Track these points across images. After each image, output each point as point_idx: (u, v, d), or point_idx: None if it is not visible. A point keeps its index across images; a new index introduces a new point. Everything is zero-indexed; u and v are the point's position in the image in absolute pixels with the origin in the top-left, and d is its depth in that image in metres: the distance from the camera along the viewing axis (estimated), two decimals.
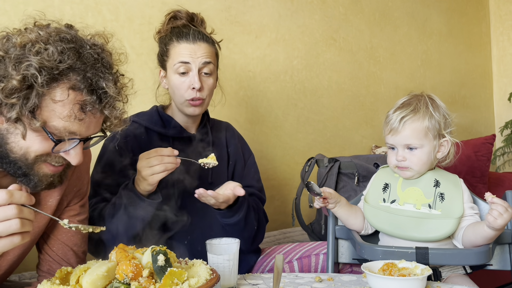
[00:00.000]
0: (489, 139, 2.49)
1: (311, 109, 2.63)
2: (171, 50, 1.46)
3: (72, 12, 1.81)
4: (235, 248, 1.12)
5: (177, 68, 1.44)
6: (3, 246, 0.80)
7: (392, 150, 1.38)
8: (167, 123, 1.52)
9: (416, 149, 1.34)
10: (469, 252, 1.21)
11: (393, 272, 1.05)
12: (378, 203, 1.39)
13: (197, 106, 1.46)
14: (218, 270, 1.09)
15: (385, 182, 1.42)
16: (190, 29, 1.46)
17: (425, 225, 1.31)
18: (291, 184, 2.52)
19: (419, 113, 1.34)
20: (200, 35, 1.46)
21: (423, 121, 1.33)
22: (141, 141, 1.46)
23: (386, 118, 1.39)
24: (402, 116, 1.33)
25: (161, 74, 1.54)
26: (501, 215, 1.14)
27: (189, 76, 1.44)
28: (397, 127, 1.33)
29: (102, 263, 0.91)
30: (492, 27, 3.89)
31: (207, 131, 1.58)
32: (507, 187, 2.47)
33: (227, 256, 1.10)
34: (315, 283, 1.12)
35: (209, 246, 1.14)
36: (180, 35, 1.45)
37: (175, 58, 1.44)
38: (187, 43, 1.44)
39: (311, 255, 1.56)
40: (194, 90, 1.43)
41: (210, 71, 1.46)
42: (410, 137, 1.33)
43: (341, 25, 2.79)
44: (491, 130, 3.82)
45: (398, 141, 1.35)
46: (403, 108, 1.36)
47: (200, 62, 1.43)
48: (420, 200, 1.34)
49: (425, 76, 3.33)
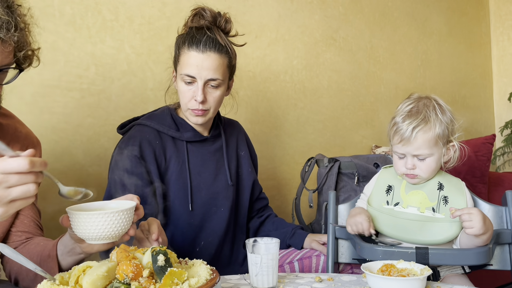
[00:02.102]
0: (489, 139, 2.49)
1: (311, 109, 2.63)
2: (181, 56, 1.43)
3: (72, 12, 1.81)
4: (275, 248, 1.11)
5: (183, 77, 1.42)
6: (19, 206, 0.84)
7: (400, 158, 1.37)
8: (181, 126, 1.50)
9: (425, 159, 1.33)
10: (469, 252, 1.21)
11: (392, 272, 1.05)
12: (382, 206, 1.38)
13: (199, 116, 1.45)
14: (262, 269, 1.08)
15: (389, 184, 1.42)
16: (204, 35, 1.41)
17: (429, 229, 1.31)
18: (291, 184, 2.52)
19: (430, 122, 1.32)
20: (212, 43, 1.40)
21: (434, 130, 1.31)
22: (155, 146, 1.45)
23: (394, 126, 1.36)
24: (413, 127, 1.31)
25: (174, 74, 1.51)
26: (471, 221, 1.17)
27: (194, 86, 1.42)
28: (409, 137, 1.31)
29: (102, 263, 0.91)
30: (492, 27, 3.89)
31: (220, 132, 1.58)
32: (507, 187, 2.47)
33: (271, 256, 1.09)
34: (315, 283, 1.12)
35: (250, 246, 1.12)
36: (192, 41, 1.41)
37: (183, 67, 1.42)
38: (197, 52, 1.39)
39: (311, 256, 1.57)
40: (196, 102, 1.42)
41: (217, 84, 1.43)
42: (421, 148, 1.32)
43: (341, 25, 2.79)
44: (491, 130, 3.82)
45: (409, 151, 1.33)
46: (413, 117, 1.33)
47: (206, 78, 1.40)
48: (424, 204, 1.34)
49: (425, 76, 3.33)
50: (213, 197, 1.50)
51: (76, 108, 1.83)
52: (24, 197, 0.83)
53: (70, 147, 1.81)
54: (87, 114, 1.86)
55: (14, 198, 0.82)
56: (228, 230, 1.53)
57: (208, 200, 1.49)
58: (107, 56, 1.91)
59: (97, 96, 1.88)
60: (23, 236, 1.19)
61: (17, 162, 0.81)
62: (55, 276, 0.91)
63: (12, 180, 0.81)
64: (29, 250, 1.15)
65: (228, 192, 1.53)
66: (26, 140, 1.22)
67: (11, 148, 0.83)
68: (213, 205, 1.49)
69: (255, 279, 1.08)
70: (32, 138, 1.25)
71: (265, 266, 1.08)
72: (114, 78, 1.93)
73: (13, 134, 1.19)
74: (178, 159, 1.47)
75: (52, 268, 1.08)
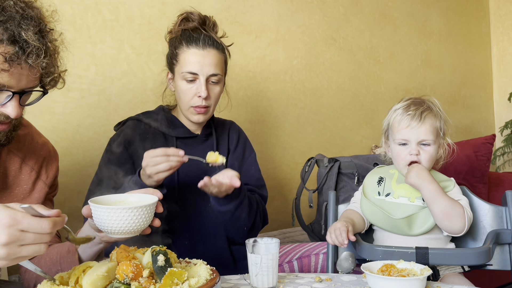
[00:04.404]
0: (489, 139, 2.49)
1: (311, 109, 2.63)
2: (180, 55, 1.45)
3: (72, 12, 1.81)
4: (275, 248, 1.11)
5: (185, 75, 1.44)
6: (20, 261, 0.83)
7: (403, 146, 1.38)
8: (172, 123, 1.53)
9: (429, 145, 1.36)
10: (469, 252, 1.21)
11: (392, 272, 1.05)
12: (373, 196, 1.41)
13: (201, 113, 1.47)
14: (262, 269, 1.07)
15: (380, 176, 1.44)
16: (201, 34, 1.45)
17: (415, 222, 1.34)
18: (291, 184, 2.52)
19: (433, 112, 1.38)
20: (210, 40, 1.45)
21: (436, 119, 1.37)
22: (145, 140, 1.47)
23: (399, 113, 1.39)
24: (422, 111, 1.36)
25: (169, 76, 1.54)
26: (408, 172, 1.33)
27: (196, 84, 1.44)
28: (418, 120, 1.35)
29: (102, 263, 0.91)
30: (492, 27, 3.89)
31: (211, 131, 1.59)
32: (507, 187, 2.47)
33: (270, 256, 1.08)
34: (315, 283, 1.12)
35: (249, 246, 1.12)
36: (190, 39, 1.45)
37: (184, 65, 1.44)
38: (197, 49, 1.43)
39: (310, 255, 1.57)
40: (200, 98, 1.44)
41: (217, 80, 1.47)
42: (427, 132, 1.35)
43: (341, 25, 2.79)
44: (491, 130, 3.82)
45: (415, 135, 1.35)
46: (418, 105, 1.38)
47: (208, 73, 1.44)
48: (414, 194, 1.36)
49: (425, 76, 3.33)
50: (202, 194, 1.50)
51: (76, 108, 1.83)
52: (30, 257, 0.82)
53: (70, 147, 1.81)
54: (87, 114, 1.86)
55: (22, 256, 0.80)
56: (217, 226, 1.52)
57: (196, 197, 1.49)
58: (107, 56, 1.91)
59: (97, 96, 1.88)
60: None
61: (40, 225, 0.79)
62: (55, 276, 0.91)
63: (29, 239, 0.79)
64: (48, 253, 1.14)
65: None
66: (42, 150, 1.24)
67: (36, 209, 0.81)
68: (201, 200, 1.48)
69: (255, 279, 1.08)
70: (49, 148, 1.27)
71: (265, 266, 1.08)
72: (114, 78, 1.93)
73: (29, 145, 1.21)
74: None
75: (73, 262, 1.08)
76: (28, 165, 1.19)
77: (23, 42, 0.96)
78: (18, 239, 0.78)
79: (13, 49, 0.95)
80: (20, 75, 0.97)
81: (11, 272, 1.63)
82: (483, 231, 1.40)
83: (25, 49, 0.96)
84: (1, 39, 0.94)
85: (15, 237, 0.78)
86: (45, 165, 1.23)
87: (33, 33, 0.97)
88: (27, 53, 0.96)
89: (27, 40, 0.96)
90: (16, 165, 1.17)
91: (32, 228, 0.79)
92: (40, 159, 1.22)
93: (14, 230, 0.77)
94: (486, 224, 1.40)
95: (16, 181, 1.16)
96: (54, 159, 1.27)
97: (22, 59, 0.96)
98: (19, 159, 1.17)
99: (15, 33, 0.95)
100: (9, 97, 0.99)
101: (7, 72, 0.95)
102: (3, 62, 0.94)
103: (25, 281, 1.19)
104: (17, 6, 0.97)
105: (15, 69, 0.96)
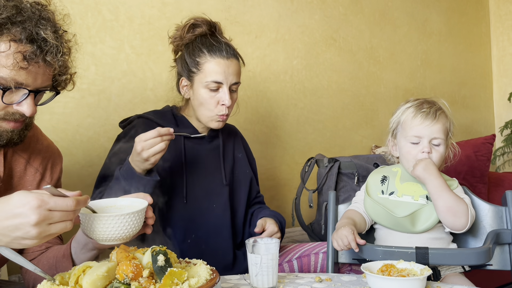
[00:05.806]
0: (489, 139, 2.49)
1: (311, 109, 2.63)
2: (203, 64, 1.46)
3: (72, 12, 1.80)
4: (275, 248, 1.11)
5: (209, 84, 1.45)
6: (49, 238, 0.87)
7: (414, 145, 1.38)
8: (180, 122, 1.54)
9: (439, 145, 1.36)
10: (469, 252, 1.21)
11: (392, 272, 1.05)
12: (377, 195, 1.41)
13: (222, 121, 1.50)
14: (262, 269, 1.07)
15: (383, 175, 1.44)
16: (222, 44, 1.47)
17: (419, 219, 1.34)
18: (291, 184, 2.52)
19: (445, 112, 1.39)
20: (230, 49, 1.48)
21: (447, 120, 1.39)
22: None
23: (412, 111, 1.38)
24: (436, 109, 1.37)
25: (183, 83, 1.52)
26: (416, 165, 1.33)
27: (219, 93, 1.46)
28: (433, 118, 1.35)
29: (102, 263, 0.91)
30: (492, 27, 3.89)
31: (218, 133, 1.60)
32: (507, 187, 2.47)
33: (270, 256, 1.08)
34: (315, 283, 1.12)
35: (249, 246, 1.12)
36: (213, 48, 1.46)
37: (208, 75, 1.45)
38: (221, 59, 1.45)
39: (310, 254, 1.57)
40: (224, 107, 1.46)
41: (237, 88, 1.52)
42: (440, 131, 1.36)
43: (341, 25, 2.79)
44: (491, 130, 3.82)
45: (429, 132, 1.35)
46: (431, 104, 1.39)
47: (231, 82, 1.47)
48: (418, 192, 1.37)
49: (425, 76, 3.32)
50: (207, 193, 1.52)
51: (76, 108, 1.83)
52: (58, 233, 0.87)
53: (70, 147, 1.81)
54: (87, 114, 1.86)
55: (51, 233, 0.85)
56: (221, 228, 1.52)
57: (202, 196, 1.51)
58: (107, 56, 1.91)
59: (97, 96, 1.88)
60: (43, 246, 1.21)
61: (65, 203, 0.84)
62: (55, 276, 0.91)
63: (56, 217, 0.84)
64: (46, 255, 1.17)
65: (222, 191, 1.55)
66: (47, 152, 1.24)
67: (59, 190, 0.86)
68: (206, 199, 1.50)
69: (255, 279, 1.08)
70: (53, 149, 1.28)
71: (265, 266, 1.08)
72: (114, 78, 1.93)
73: (34, 147, 1.21)
74: (174, 153, 1.49)
75: (67, 267, 1.10)
76: (33, 166, 1.20)
77: (41, 41, 0.98)
78: (47, 217, 0.83)
79: (31, 48, 0.97)
80: (36, 73, 1.00)
81: (11, 272, 1.63)
82: (483, 231, 1.40)
83: (43, 47, 0.99)
84: (19, 38, 0.96)
85: (45, 216, 0.82)
86: (50, 166, 1.24)
87: (51, 32, 1.00)
88: (45, 51, 0.99)
89: (45, 38, 0.99)
90: (21, 166, 1.17)
91: (58, 206, 0.84)
92: (44, 161, 1.23)
93: (43, 210, 0.82)
94: (486, 224, 1.40)
95: (21, 182, 1.17)
96: (59, 161, 1.28)
97: (40, 57, 0.99)
98: (24, 160, 1.18)
99: (33, 32, 0.97)
100: (25, 95, 1.00)
101: (25, 70, 0.97)
102: (21, 60, 0.96)
103: (25, 281, 1.19)
104: (33, 8, 1.00)
105: (32, 67, 0.98)
